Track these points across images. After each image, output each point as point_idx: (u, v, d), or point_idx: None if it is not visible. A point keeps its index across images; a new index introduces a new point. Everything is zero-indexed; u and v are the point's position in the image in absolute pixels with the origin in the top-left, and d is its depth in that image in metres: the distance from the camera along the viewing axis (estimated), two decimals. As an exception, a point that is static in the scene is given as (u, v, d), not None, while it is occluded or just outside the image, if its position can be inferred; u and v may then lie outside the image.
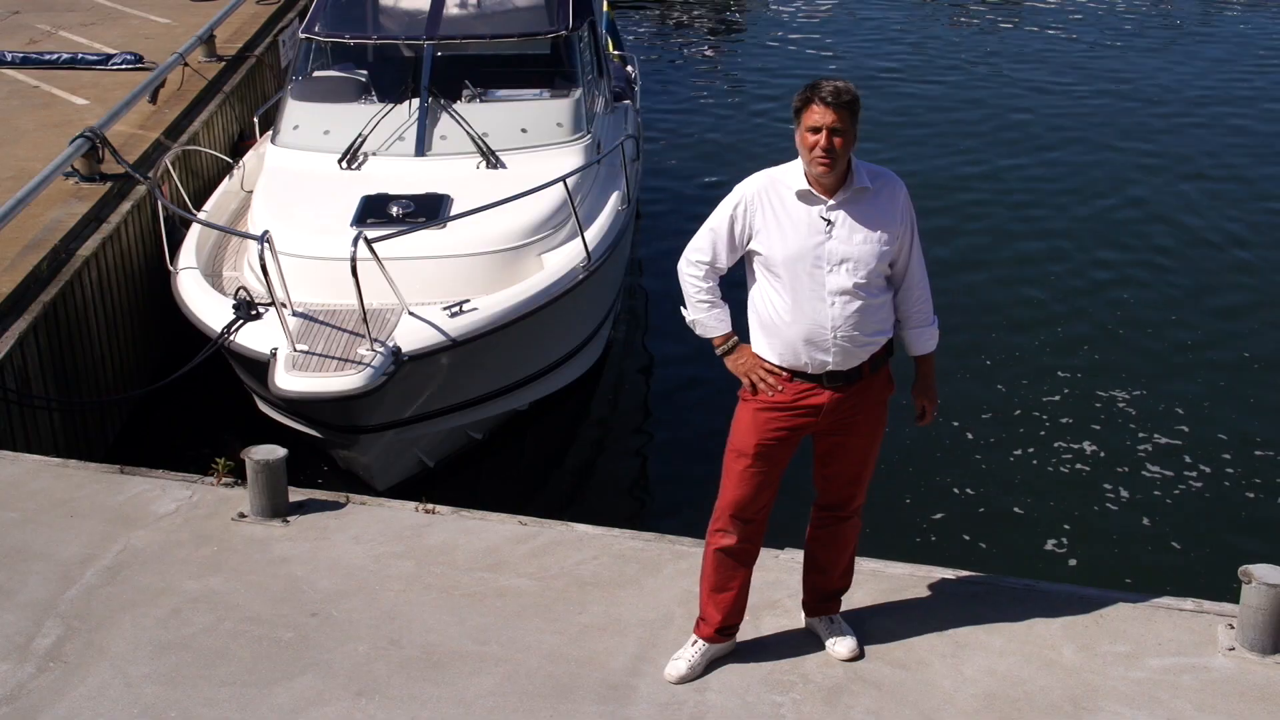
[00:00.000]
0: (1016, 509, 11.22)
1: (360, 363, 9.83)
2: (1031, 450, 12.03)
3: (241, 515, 8.24)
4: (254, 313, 10.59)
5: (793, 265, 6.20)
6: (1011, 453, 11.99)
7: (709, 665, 6.81)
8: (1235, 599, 7.01)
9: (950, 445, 12.04)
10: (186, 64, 16.38)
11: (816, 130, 6.06)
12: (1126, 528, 11.00)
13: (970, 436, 12.19)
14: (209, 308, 11.01)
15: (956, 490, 11.47)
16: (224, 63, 17.42)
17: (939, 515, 11.15)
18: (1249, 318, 14.64)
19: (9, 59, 17.23)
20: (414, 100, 12.98)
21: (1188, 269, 15.90)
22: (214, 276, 11.90)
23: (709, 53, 25.63)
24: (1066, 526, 11.01)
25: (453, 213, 11.48)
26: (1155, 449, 12.04)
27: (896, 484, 11.31)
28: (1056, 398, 12.91)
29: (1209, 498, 11.41)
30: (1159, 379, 13.27)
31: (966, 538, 10.85)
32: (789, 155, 6.30)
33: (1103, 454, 11.96)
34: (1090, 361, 13.61)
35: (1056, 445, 12.09)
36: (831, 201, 6.21)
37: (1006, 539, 10.85)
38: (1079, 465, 11.81)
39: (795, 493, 7.04)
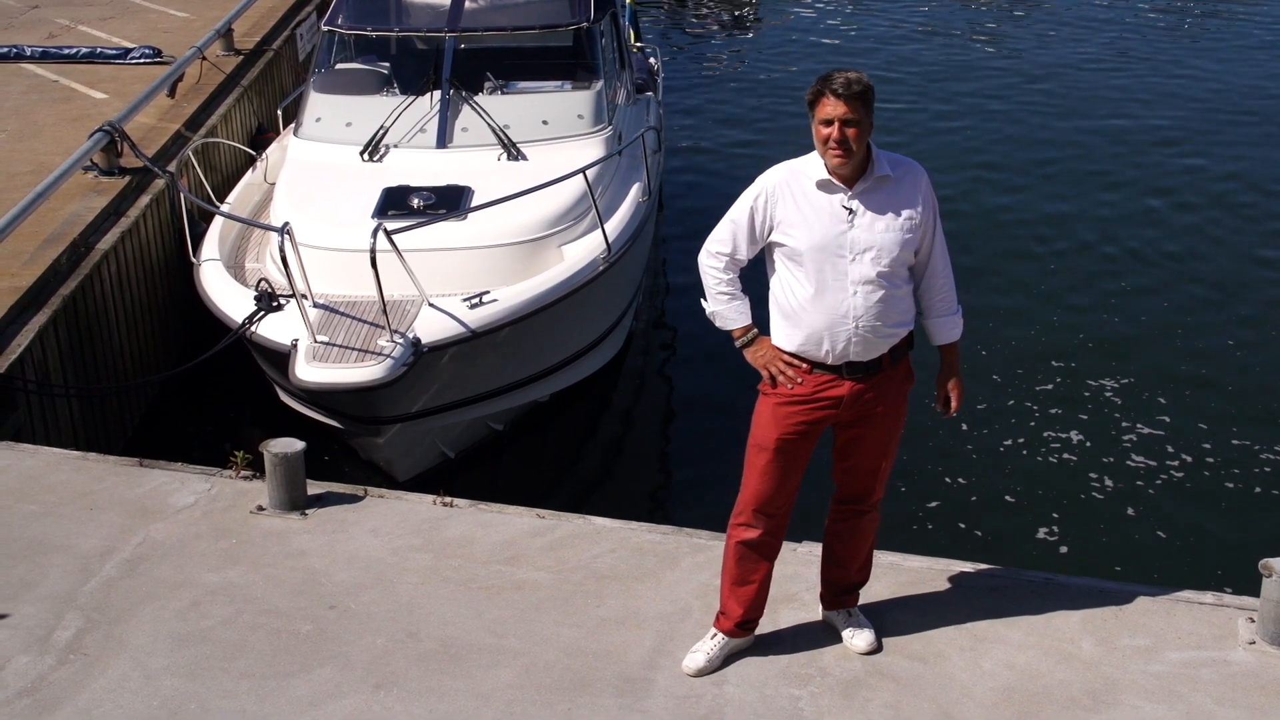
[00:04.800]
0: (1035, 502, 11.18)
1: (380, 354, 9.85)
2: (1051, 443, 11.99)
3: (260, 508, 8.26)
4: (275, 304, 10.63)
5: (816, 255, 6.18)
6: (1031, 446, 11.95)
7: (727, 658, 6.81)
8: (1255, 592, 6.98)
9: (969, 437, 12.01)
10: (205, 58, 16.39)
11: (829, 123, 6.05)
12: (1146, 521, 10.96)
13: (989, 429, 12.15)
14: (231, 299, 11.07)
15: (975, 483, 11.43)
16: (242, 56, 17.42)
17: (957, 508, 11.12)
18: (1271, 310, 14.59)
19: (28, 53, 17.26)
20: (435, 93, 13.00)
21: (1207, 256, 15.87)
22: (236, 268, 11.94)
23: (731, 44, 25.61)
24: (1086, 520, 10.97)
25: (473, 204, 11.49)
26: (1175, 442, 11.98)
27: (915, 476, 11.30)
28: (1077, 391, 12.86)
29: (1229, 491, 11.36)
30: (1177, 374, 13.20)
31: (985, 531, 10.82)
32: (811, 146, 6.27)
33: (1123, 447, 11.92)
34: (1110, 357, 13.55)
35: (1077, 439, 12.04)
36: (852, 191, 6.20)
37: (1025, 532, 10.82)
38: (1099, 458, 11.76)
39: (813, 485, 7.02)
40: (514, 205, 11.15)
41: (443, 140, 12.73)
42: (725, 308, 6.47)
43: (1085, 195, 17.65)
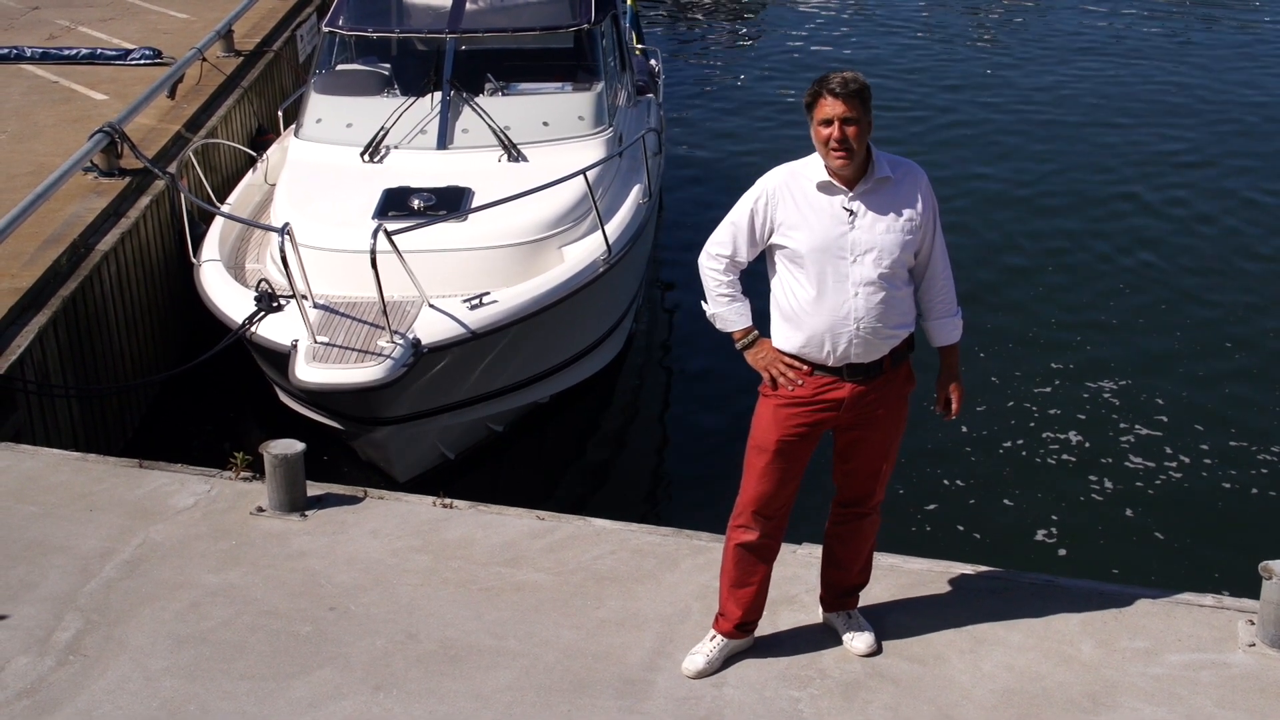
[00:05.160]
0: (1035, 504, 11.17)
1: (380, 354, 9.85)
2: (1051, 446, 11.99)
3: (260, 509, 8.26)
4: (275, 305, 10.63)
5: (817, 257, 6.18)
6: (1031, 448, 11.95)
7: (726, 660, 6.80)
8: (1255, 595, 6.98)
9: (968, 440, 12.00)
10: (205, 59, 16.38)
11: (828, 123, 6.05)
12: (1146, 523, 10.96)
13: (988, 431, 12.15)
14: (231, 300, 11.07)
15: (975, 485, 11.43)
16: (242, 57, 17.41)
17: (957, 510, 11.12)
18: (1269, 313, 14.59)
19: (29, 54, 17.25)
20: (436, 94, 13.00)
21: (1204, 260, 15.89)
22: (236, 269, 11.95)
23: (732, 47, 25.61)
24: (1086, 522, 10.97)
25: (473, 205, 11.49)
26: (1175, 444, 11.98)
27: (915, 479, 11.29)
28: (1076, 393, 12.86)
29: (1229, 493, 11.36)
30: (1176, 376, 13.21)
31: (985, 533, 10.82)
32: (812, 147, 6.26)
33: (1123, 449, 11.92)
34: (1109, 358, 13.55)
35: (1076, 441, 12.04)
36: (852, 192, 6.20)
37: (1025, 534, 10.82)
38: (1100, 460, 11.76)
39: (813, 488, 7.02)
40: (514, 206, 11.16)
41: (443, 141, 12.74)
42: (725, 310, 6.47)
43: (1083, 201, 17.64)
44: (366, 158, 12.66)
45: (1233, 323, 14.35)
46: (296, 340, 10.12)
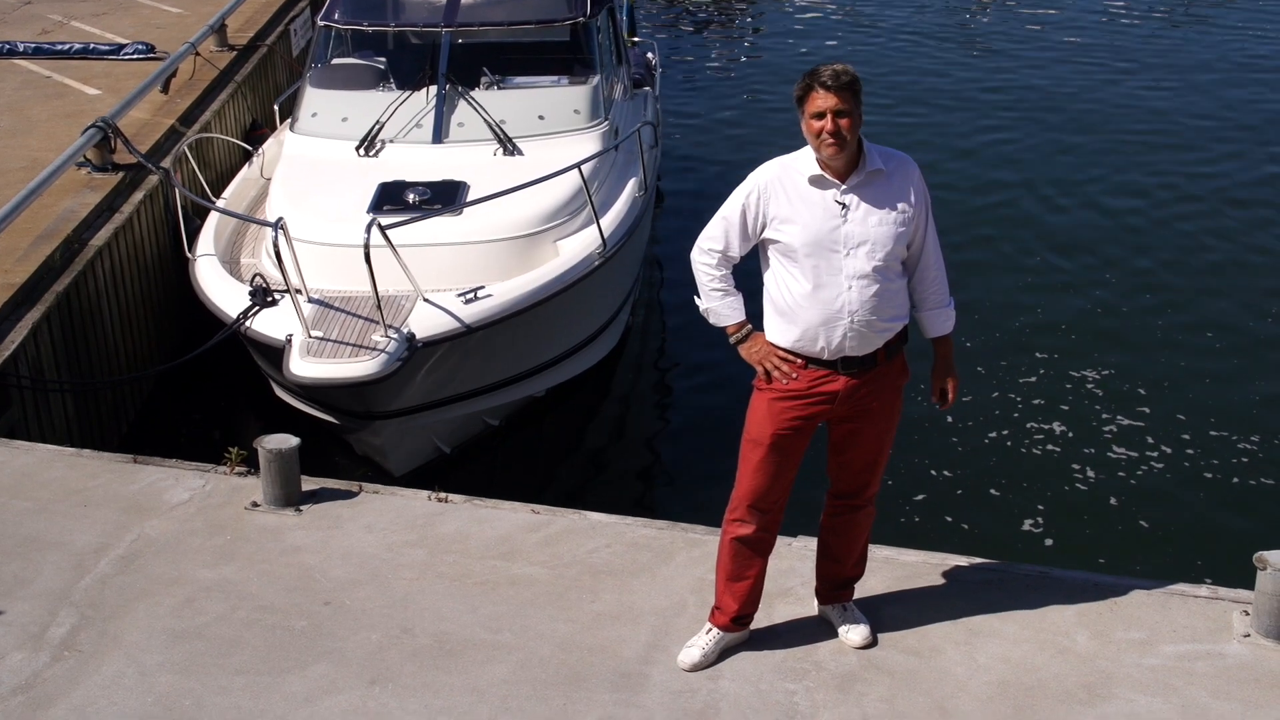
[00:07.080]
0: (1030, 496, 11.17)
1: (375, 349, 9.84)
2: (1045, 437, 11.99)
3: (254, 504, 8.24)
4: (270, 299, 10.62)
5: (810, 250, 6.17)
6: (1024, 439, 11.95)
7: (722, 653, 6.80)
8: (1250, 585, 6.98)
9: (961, 431, 12.01)
10: (198, 53, 16.39)
11: (820, 116, 6.04)
12: (1140, 514, 10.96)
13: (979, 422, 12.15)
14: (226, 294, 11.06)
15: (969, 477, 11.43)
16: (235, 52, 17.41)
17: (952, 502, 11.12)
18: (1261, 300, 14.60)
19: (21, 49, 17.25)
20: (432, 88, 13.00)
21: (1191, 251, 15.92)
22: (232, 264, 11.95)
23: (728, 39, 25.62)
24: (1080, 513, 10.97)
25: (469, 200, 11.48)
26: (1170, 435, 11.98)
27: (910, 471, 11.30)
28: (1068, 384, 12.86)
29: (1224, 483, 11.36)
30: (1171, 366, 13.21)
31: (979, 525, 10.82)
32: (805, 140, 6.25)
33: (1118, 440, 11.92)
34: (1099, 348, 13.55)
35: (1070, 432, 12.04)
36: (845, 185, 6.19)
37: (1019, 526, 10.82)
38: (1093, 451, 11.76)
39: (809, 480, 7.01)
40: (509, 200, 11.14)
41: (439, 135, 12.73)
42: (719, 304, 6.47)
43: (1072, 194, 17.66)
44: (362, 152, 12.65)
45: (1224, 312, 14.35)
46: (291, 335, 10.12)
